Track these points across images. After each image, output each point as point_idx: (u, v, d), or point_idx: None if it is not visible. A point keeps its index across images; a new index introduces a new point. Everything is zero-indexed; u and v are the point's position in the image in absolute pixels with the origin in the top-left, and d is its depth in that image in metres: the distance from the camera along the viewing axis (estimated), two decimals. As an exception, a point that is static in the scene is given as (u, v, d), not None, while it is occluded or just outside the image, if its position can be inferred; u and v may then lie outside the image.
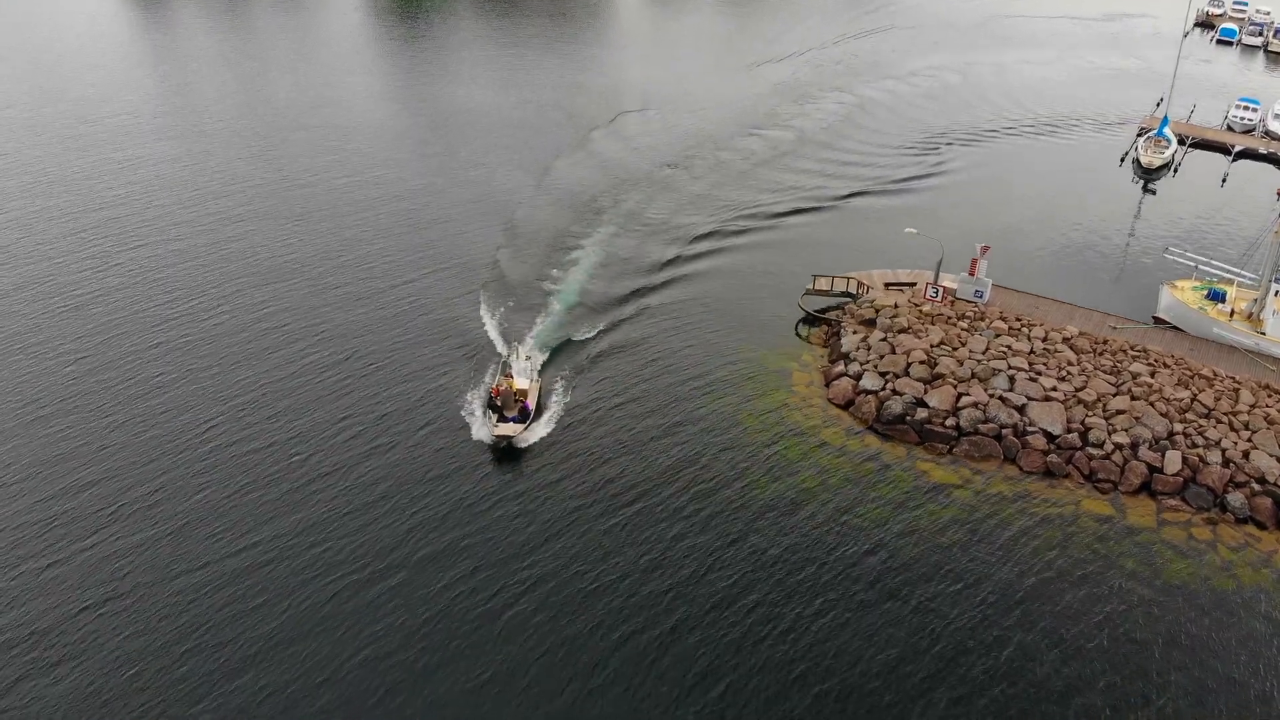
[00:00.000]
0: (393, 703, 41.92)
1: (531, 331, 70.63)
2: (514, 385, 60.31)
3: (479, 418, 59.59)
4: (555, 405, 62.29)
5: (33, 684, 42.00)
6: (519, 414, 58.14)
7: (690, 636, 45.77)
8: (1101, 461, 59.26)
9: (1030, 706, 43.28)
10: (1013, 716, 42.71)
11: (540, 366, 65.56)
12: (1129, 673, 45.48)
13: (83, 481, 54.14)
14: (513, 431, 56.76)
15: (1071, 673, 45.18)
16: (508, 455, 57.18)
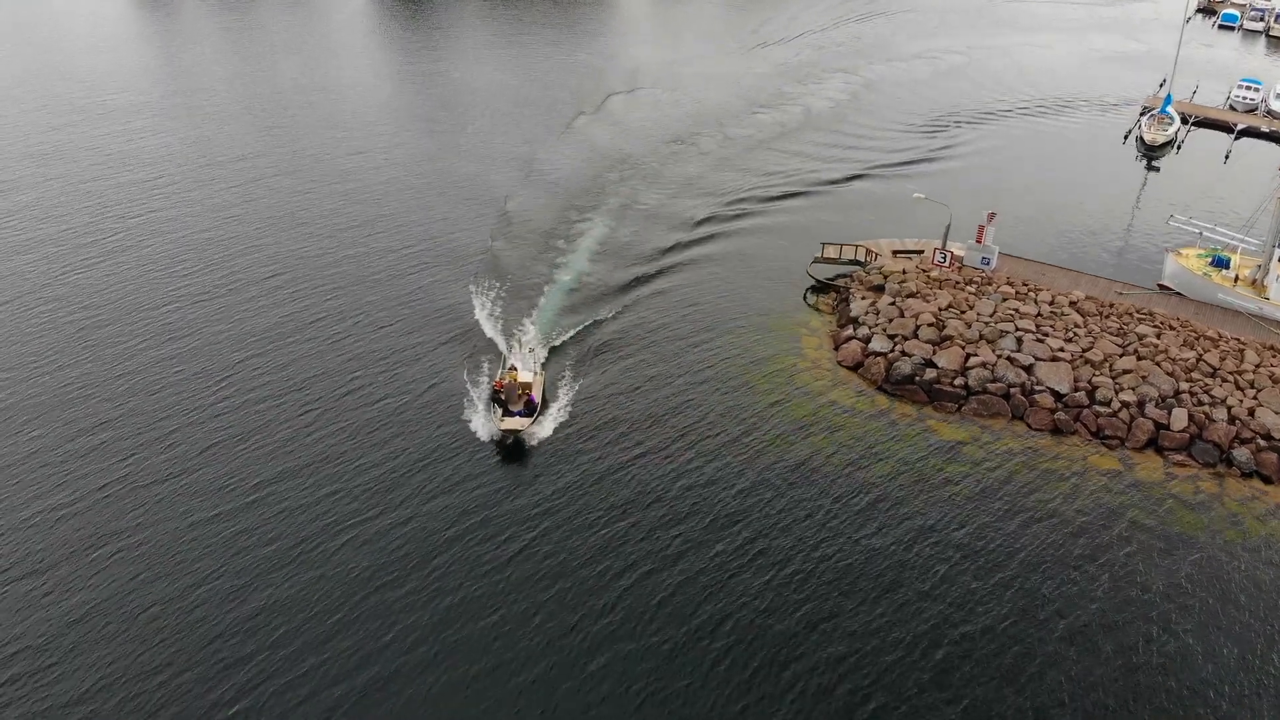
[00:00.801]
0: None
1: (533, 320, 68.21)
2: (517, 378, 57.41)
3: (482, 412, 57.03)
4: (562, 396, 59.80)
5: (46, 610, 42.51)
6: (525, 408, 55.54)
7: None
8: (1109, 419, 59.55)
9: (1035, 648, 43.58)
10: (1019, 658, 43.02)
11: (544, 358, 62.77)
12: (1133, 616, 45.77)
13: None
14: (519, 426, 54.21)
15: (1078, 619, 45.48)
16: (514, 451, 54.43)
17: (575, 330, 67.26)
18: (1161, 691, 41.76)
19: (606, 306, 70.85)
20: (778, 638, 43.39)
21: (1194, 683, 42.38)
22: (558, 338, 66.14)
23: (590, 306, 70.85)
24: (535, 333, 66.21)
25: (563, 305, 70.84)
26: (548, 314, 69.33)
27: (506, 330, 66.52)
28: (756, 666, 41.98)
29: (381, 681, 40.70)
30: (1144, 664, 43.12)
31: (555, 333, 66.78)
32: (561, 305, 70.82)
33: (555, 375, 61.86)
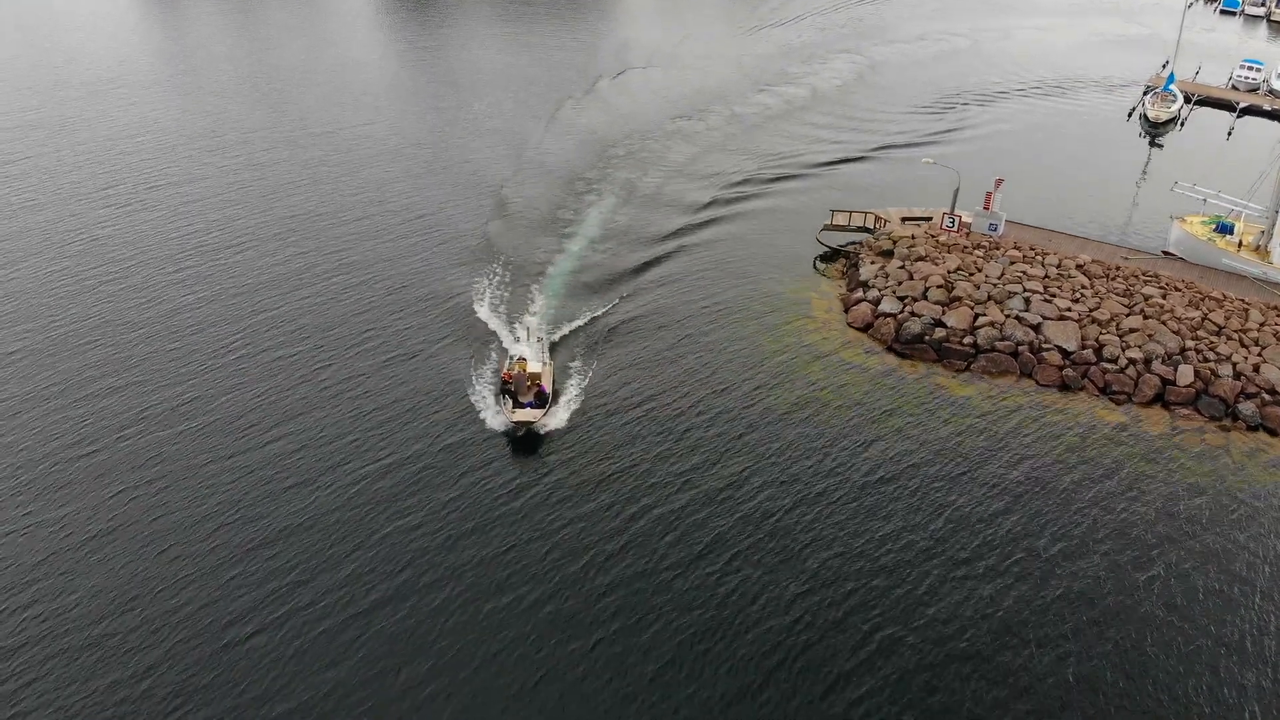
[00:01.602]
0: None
1: (538, 305, 65.79)
2: (526, 368, 54.42)
3: (491, 404, 54.21)
4: (573, 383, 57.31)
5: (71, 536, 43.16)
6: (535, 398, 52.88)
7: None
8: (1116, 375, 60.01)
9: (1042, 588, 44.06)
10: (1026, 596, 43.50)
11: (550, 347, 60.06)
12: (1138, 558, 46.20)
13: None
14: (532, 417, 51.43)
15: (1084, 561, 45.91)
16: (526, 443, 51.58)
17: (583, 314, 65.15)
18: (1165, 628, 42.23)
19: (613, 287, 69.30)
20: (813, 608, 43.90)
21: (1197, 621, 42.81)
22: (565, 324, 63.67)
23: (596, 288, 69.28)
24: (541, 320, 63.55)
25: (568, 288, 69.00)
26: (553, 299, 67.00)
27: (511, 318, 64.08)
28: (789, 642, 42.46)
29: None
30: (1148, 605, 43.56)
31: (562, 319, 64.41)
32: (567, 288, 68.96)
33: (565, 360, 59.58)
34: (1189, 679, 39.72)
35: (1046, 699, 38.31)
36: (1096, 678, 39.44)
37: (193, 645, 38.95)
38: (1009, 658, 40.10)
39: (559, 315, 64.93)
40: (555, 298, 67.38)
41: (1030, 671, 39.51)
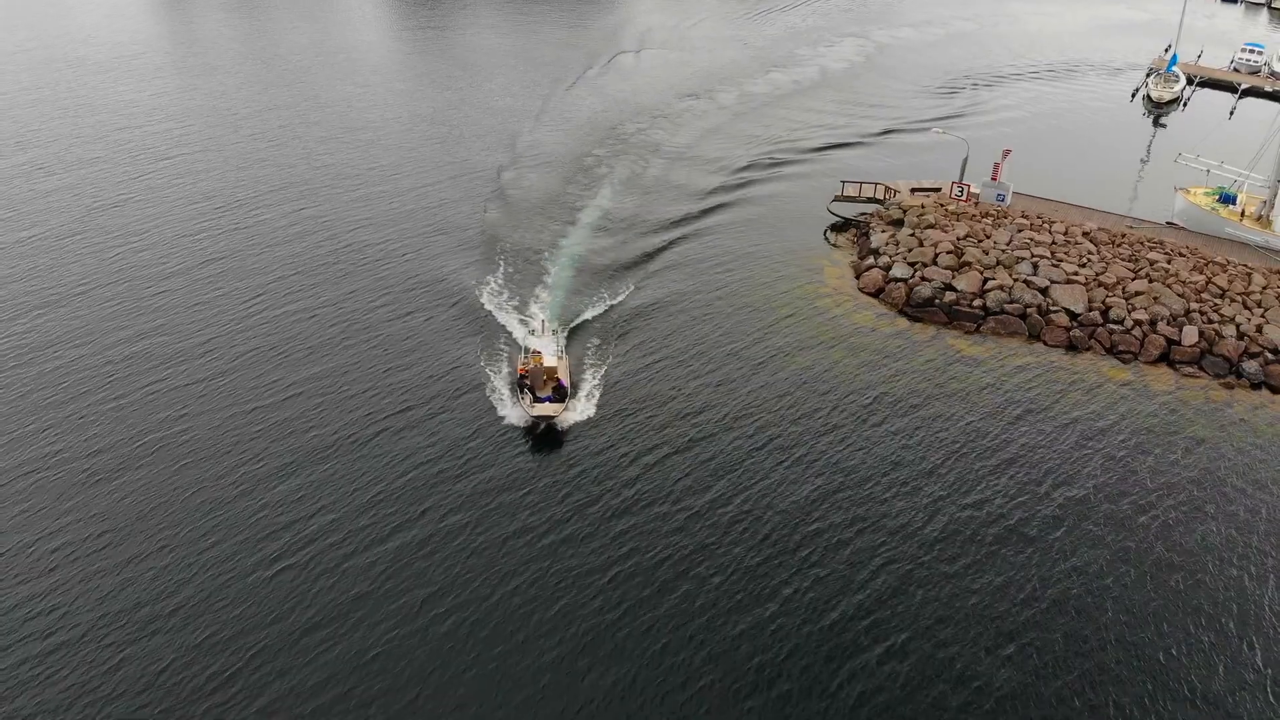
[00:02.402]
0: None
1: (549, 297, 63.54)
2: (542, 362, 52.63)
3: (509, 399, 52.29)
4: (591, 372, 55.52)
5: (105, 485, 44.39)
6: (554, 392, 51.22)
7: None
8: (1122, 335, 61.07)
9: (1045, 533, 45.16)
10: (1029, 541, 44.59)
11: (565, 339, 58.16)
12: (1139, 501, 47.27)
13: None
14: (553, 412, 49.57)
15: (1089, 509, 46.98)
16: (546, 437, 49.66)
17: (596, 298, 63.77)
18: (1166, 569, 43.32)
19: (623, 271, 68.18)
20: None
21: (1199, 562, 43.88)
22: (579, 313, 61.84)
23: (607, 270, 68.18)
24: (554, 311, 61.38)
25: (579, 274, 67.19)
26: (564, 286, 65.04)
27: (522, 307, 62.07)
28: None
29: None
30: (1150, 547, 44.64)
31: (575, 307, 62.50)
32: (577, 274, 67.15)
33: (582, 348, 57.95)
34: (1185, 617, 40.81)
35: (1043, 630, 39.43)
36: (1095, 614, 40.54)
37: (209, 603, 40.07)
38: (1009, 587, 41.24)
39: (571, 301, 63.30)
40: (565, 280, 65.93)
41: (1029, 605, 40.65)
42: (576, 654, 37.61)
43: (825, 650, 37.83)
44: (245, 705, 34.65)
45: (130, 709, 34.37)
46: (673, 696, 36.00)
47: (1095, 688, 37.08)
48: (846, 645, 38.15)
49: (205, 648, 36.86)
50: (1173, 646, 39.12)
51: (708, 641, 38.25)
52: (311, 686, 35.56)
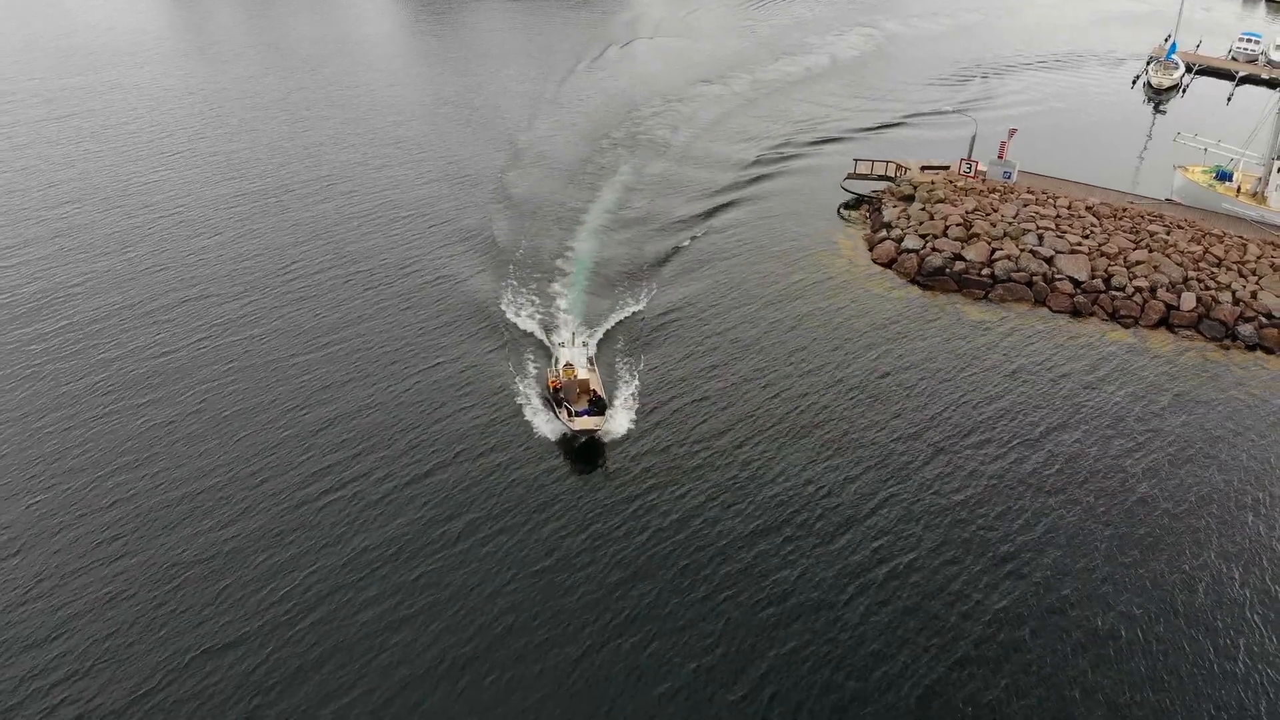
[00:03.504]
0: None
1: (571, 304, 61.01)
2: (574, 374, 50.49)
3: (540, 413, 49.88)
4: (624, 380, 53.22)
5: (150, 440, 47.17)
6: (591, 404, 48.77)
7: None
8: (1124, 301, 63.74)
9: (1042, 469, 47.89)
10: (1028, 473, 47.32)
11: (595, 348, 55.44)
12: (1133, 448, 49.98)
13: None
14: (594, 425, 46.87)
15: (1094, 460, 49.62)
16: (587, 452, 47.24)
17: (620, 301, 61.85)
18: (1150, 503, 46.05)
19: (646, 265, 67.30)
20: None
21: (1189, 504, 46.59)
22: (604, 317, 59.65)
23: (629, 266, 66.98)
24: (580, 319, 58.96)
25: (598, 272, 65.56)
26: (584, 288, 63.05)
27: (545, 312, 59.84)
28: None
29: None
30: (1153, 496, 47.39)
31: (600, 311, 60.27)
32: (597, 272, 65.52)
33: (611, 353, 55.91)
34: (1169, 544, 43.56)
35: (1036, 554, 42.20)
36: (1083, 541, 43.31)
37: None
38: (1010, 523, 44.06)
39: (594, 305, 61.25)
40: (585, 282, 64.11)
41: (1023, 532, 43.45)
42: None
43: (836, 570, 40.64)
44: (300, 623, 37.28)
45: (194, 622, 37.30)
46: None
47: (1082, 604, 39.95)
48: (855, 567, 41.18)
49: (266, 570, 39.66)
50: (1155, 568, 41.85)
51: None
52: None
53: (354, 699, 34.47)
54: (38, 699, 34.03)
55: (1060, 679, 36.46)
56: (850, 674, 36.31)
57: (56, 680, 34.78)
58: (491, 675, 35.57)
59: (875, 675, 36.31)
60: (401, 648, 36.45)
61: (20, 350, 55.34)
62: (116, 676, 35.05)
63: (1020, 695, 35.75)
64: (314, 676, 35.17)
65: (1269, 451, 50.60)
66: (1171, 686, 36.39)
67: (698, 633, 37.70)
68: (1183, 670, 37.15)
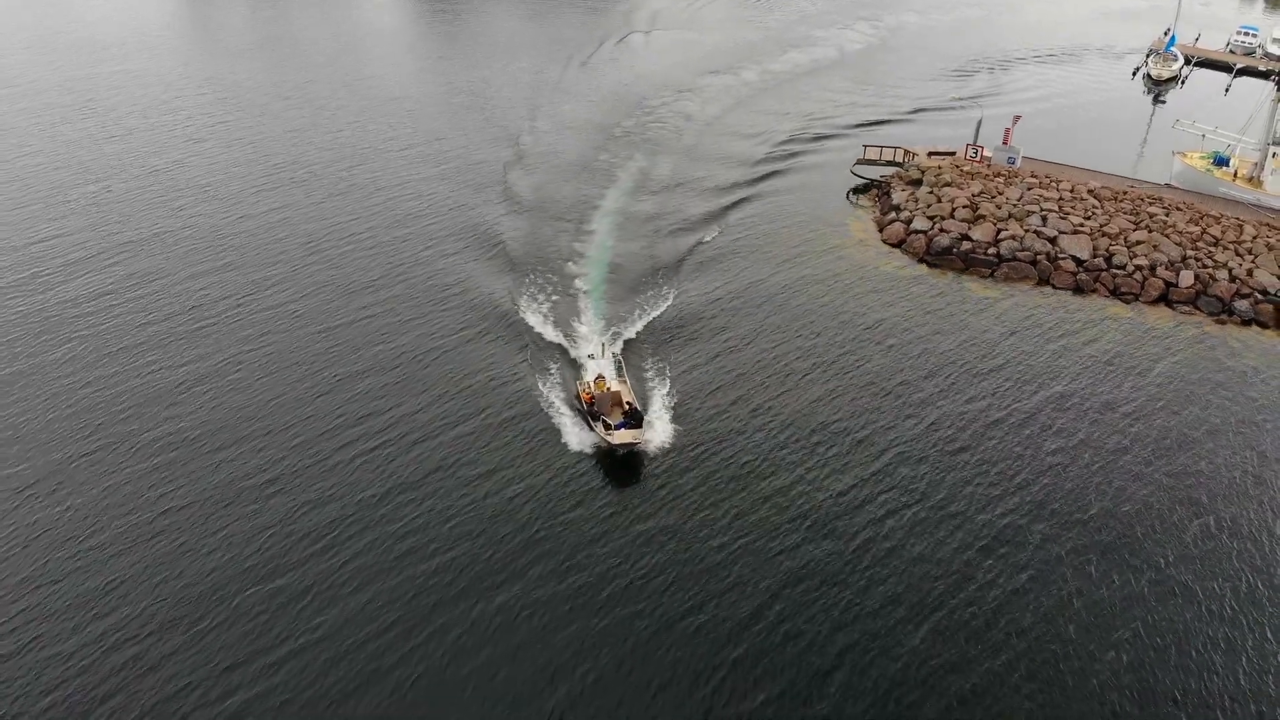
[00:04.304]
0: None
1: (594, 314, 59.20)
2: (606, 387, 48.82)
3: (575, 426, 47.88)
4: (656, 388, 51.58)
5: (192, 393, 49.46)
6: (628, 417, 46.81)
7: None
8: (1125, 278, 66.06)
9: (1051, 443, 50.24)
10: (1023, 421, 49.69)
11: (623, 358, 53.50)
12: (1135, 412, 52.34)
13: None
14: (634, 439, 45.05)
15: (1098, 421, 51.99)
16: (625, 465, 45.32)
17: (642, 305, 60.55)
18: (1151, 448, 48.41)
19: (665, 265, 66.48)
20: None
21: (1189, 464, 48.97)
22: (629, 325, 57.89)
23: (647, 266, 65.83)
24: (605, 328, 57.27)
25: (617, 280, 64.04)
26: (605, 297, 61.41)
27: (569, 327, 57.40)
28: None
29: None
30: (1152, 453, 49.78)
31: (623, 319, 58.60)
32: (616, 281, 63.99)
33: (640, 361, 54.34)
34: (1154, 482, 45.97)
35: (1029, 487, 44.57)
36: (1075, 474, 45.69)
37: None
38: (1012, 480, 46.45)
39: (616, 311, 59.71)
40: (603, 289, 62.59)
41: (1019, 468, 45.83)
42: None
43: (851, 533, 43.00)
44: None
45: (237, 556, 39.59)
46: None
47: (1070, 529, 43.01)
48: (857, 503, 43.95)
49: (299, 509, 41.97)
50: (1142, 502, 44.36)
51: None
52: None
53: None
54: (96, 619, 36.30)
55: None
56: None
57: (110, 606, 36.95)
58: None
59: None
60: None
61: (68, 312, 57.60)
62: (165, 598, 37.20)
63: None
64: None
65: (1262, 413, 52.93)
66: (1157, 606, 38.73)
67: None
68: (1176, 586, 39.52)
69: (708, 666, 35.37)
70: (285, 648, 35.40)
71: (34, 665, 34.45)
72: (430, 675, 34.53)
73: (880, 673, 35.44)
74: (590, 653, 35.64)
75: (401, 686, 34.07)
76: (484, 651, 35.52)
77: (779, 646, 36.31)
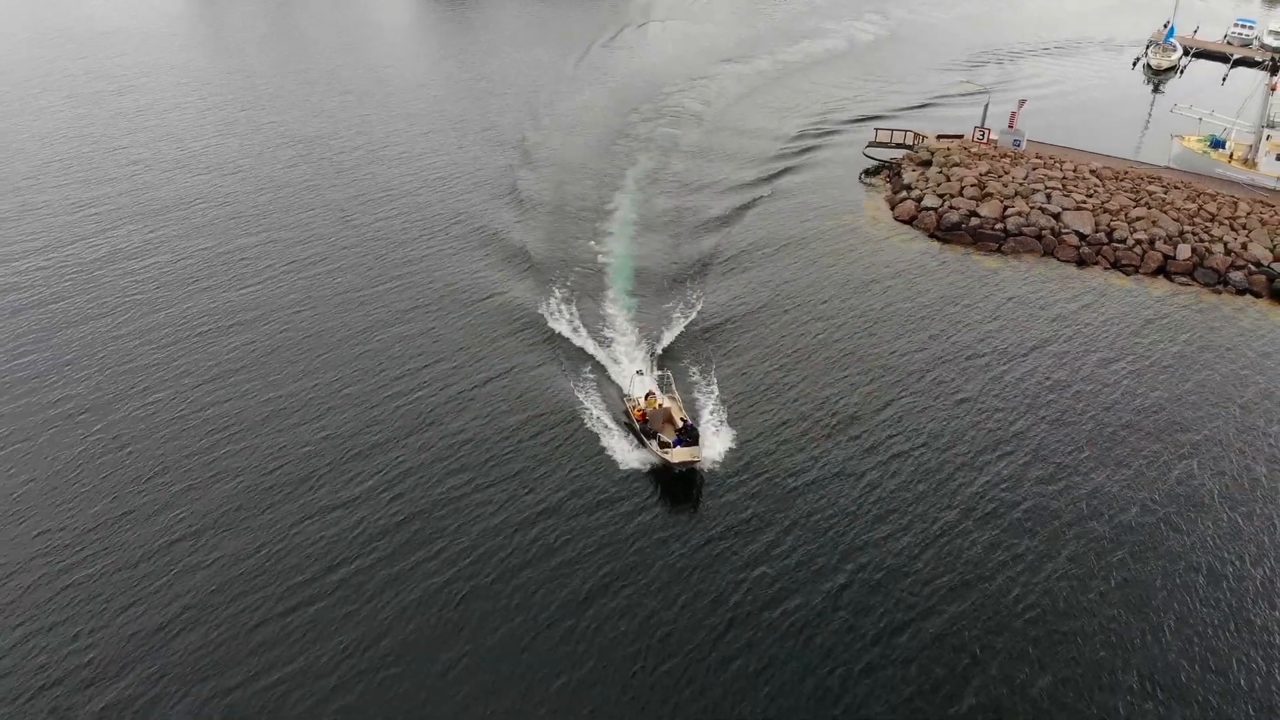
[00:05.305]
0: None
1: (631, 322, 57.43)
2: (657, 404, 46.96)
3: (628, 444, 45.86)
4: (703, 400, 49.57)
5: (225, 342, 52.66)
6: (683, 434, 44.79)
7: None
8: (1125, 252, 69.42)
9: (1069, 406, 53.59)
10: (1043, 416, 53.04)
11: (670, 374, 50.10)
12: (1144, 383, 55.68)
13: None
14: (693, 457, 43.44)
15: (1100, 384, 55.40)
16: (684, 484, 43.68)
17: (676, 315, 58.48)
18: (1148, 425, 51.82)
19: (690, 268, 65.28)
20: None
21: (1185, 422, 52.38)
22: (665, 333, 56.24)
23: (674, 276, 64.06)
24: (648, 341, 55.19)
25: (644, 284, 62.59)
26: (636, 306, 59.54)
27: (605, 339, 55.49)
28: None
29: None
30: (1153, 412, 53.18)
31: (658, 326, 56.99)
32: (643, 285, 62.55)
33: (682, 370, 52.53)
34: (1145, 432, 49.39)
35: (1025, 436, 47.99)
36: (1071, 421, 49.12)
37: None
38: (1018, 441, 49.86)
39: (649, 318, 58.08)
40: (635, 293, 61.16)
41: (1016, 419, 49.25)
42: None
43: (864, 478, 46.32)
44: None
45: (290, 511, 41.95)
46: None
47: (1063, 476, 46.01)
48: (869, 446, 46.78)
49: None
50: (1132, 447, 47.71)
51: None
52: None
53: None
54: (164, 556, 39.26)
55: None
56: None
57: (182, 535, 40.12)
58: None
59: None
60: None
61: (115, 285, 60.76)
62: (233, 535, 40.25)
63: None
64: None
65: (1255, 374, 56.39)
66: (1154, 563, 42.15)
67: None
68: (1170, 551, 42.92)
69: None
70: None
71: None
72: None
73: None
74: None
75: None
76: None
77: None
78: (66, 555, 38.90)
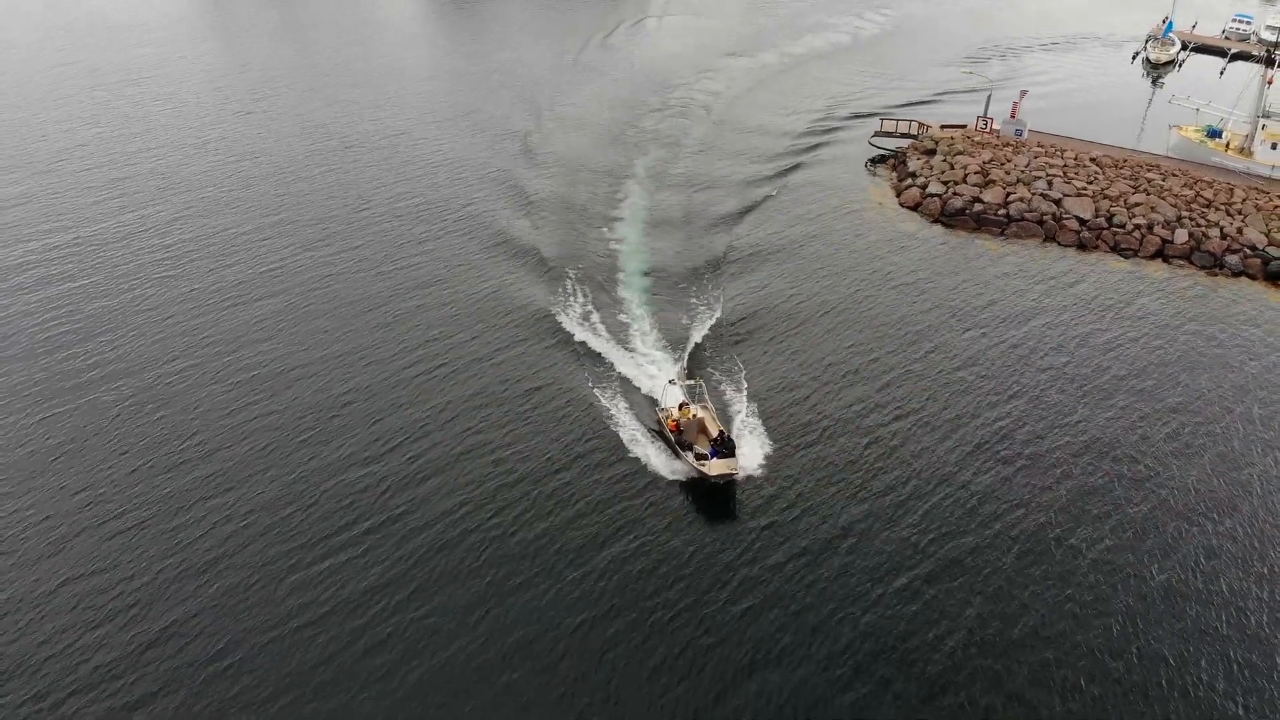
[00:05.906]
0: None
1: (655, 330, 55.85)
2: (691, 414, 46.12)
3: (661, 456, 44.77)
4: (735, 407, 48.60)
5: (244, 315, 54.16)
6: (719, 445, 43.73)
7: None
8: (1124, 236, 70.93)
9: (1072, 387, 55.11)
10: (1057, 396, 54.57)
11: (702, 383, 48.65)
12: (1136, 356, 57.26)
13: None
14: (730, 469, 42.57)
15: (1100, 364, 56.94)
16: (717, 494, 42.67)
17: (699, 318, 57.47)
18: (1158, 417, 53.34)
19: (705, 268, 64.54)
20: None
21: (1182, 400, 53.89)
22: (689, 338, 55.06)
23: (691, 277, 63.09)
24: (677, 350, 53.73)
25: (663, 287, 61.37)
26: (657, 310, 58.30)
27: (630, 347, 54.00)
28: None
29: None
30: (1151, 390, 54.70)
31: (681, 332, 55.71)
32: (662, 287, 61.32)
33: (711, 376, 51.28)
34: (1137, 401, 50.92)
35: (1023, 402, 49.47)
36: (1068, 393, 50.59)
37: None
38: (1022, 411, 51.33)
39: (671, 324, 56.74)
40: (655, 297, 60.04)
41: (1013, 399, 50.75)
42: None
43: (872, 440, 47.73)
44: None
45: (310, 490, 43.33)
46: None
47: (1059, 452, 47.33)
48: (873, 411, 48.27)
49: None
50: (1124, 414, 49.22)
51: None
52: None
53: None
54: (200, 508, 40.89)
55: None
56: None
57: (213, 491, 41.83)
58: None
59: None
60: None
61: (143, 260, 62.52)
62: (264, 489, 41.96)
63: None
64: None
65: (1247, 351, 57.89)
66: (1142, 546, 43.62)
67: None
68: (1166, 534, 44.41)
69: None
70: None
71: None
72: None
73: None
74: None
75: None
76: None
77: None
78: (107, 509, 40.52)
